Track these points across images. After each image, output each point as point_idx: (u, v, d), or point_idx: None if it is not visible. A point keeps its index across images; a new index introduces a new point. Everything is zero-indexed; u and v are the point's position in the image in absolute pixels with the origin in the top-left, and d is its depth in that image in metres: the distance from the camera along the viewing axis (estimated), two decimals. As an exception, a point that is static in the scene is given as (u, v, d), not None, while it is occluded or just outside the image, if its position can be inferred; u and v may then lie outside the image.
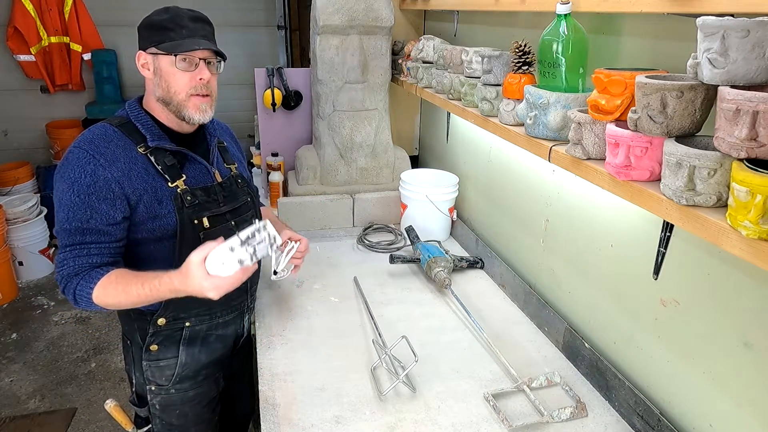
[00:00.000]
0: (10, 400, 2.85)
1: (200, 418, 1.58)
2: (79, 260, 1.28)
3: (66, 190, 1.27)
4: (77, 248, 1.28)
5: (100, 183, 1.27)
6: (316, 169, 2.49)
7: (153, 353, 1.47)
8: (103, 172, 1.27)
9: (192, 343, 1.49)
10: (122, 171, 1.30)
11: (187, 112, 1.35)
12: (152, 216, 1.33)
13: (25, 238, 3.91)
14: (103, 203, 1.27)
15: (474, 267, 2.09)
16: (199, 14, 1.36)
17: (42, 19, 4.60)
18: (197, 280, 1.20)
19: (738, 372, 1.07)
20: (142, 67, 1.36)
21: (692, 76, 0.88)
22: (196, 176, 1.42)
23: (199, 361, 1.52)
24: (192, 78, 1.33)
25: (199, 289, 1.21)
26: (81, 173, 1.26)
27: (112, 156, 1.30)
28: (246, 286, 1.56)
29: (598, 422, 1.33)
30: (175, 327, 1.46)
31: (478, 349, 1.60)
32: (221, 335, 1.56)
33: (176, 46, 1.30)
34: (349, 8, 2.24)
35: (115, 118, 1.39)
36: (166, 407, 1.53)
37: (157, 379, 1.50)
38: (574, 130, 1.12)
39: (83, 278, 1.27)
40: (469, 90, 1.67)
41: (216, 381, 1.60)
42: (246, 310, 1.63)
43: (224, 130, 1.66)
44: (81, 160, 1.27)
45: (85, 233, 1.28)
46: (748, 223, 0.74)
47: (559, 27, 1.21)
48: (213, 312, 1.50)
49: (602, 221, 1.45)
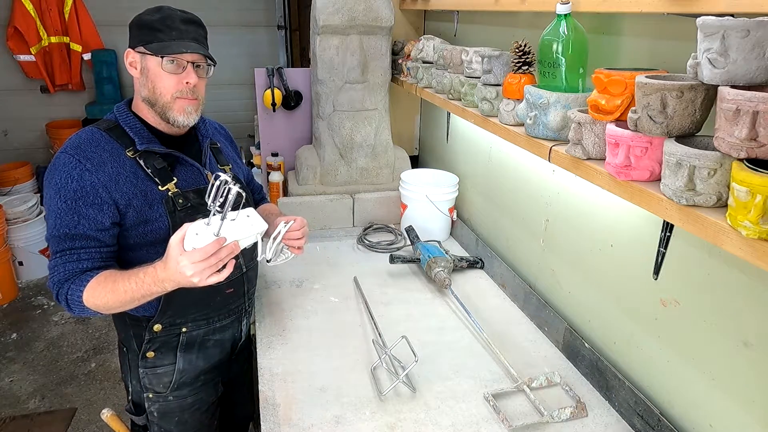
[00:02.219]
0: (10, 400, 2.84)
1: (200, 424, 1.56)
2: (69, 265, 1.26)
3: (53, 196, 1.25)
4: (67, 254, 1.26)
5: (87, 188, 1.25)
6: (316, 169, 2.49)
7: (150, 360, 1.44)
8: (90, 177, 1.25)
9: (189, 348, 1.47)
10: (110, 176, 1.27)
11: (171, 114, 1.32)
12: (143, 220, 1.31)
13: (25, 238, 3.91)
14: (91, 209, 1.25)
15: (474, 267, 2.09)
16: (191, 16, 1.33)
17: (42, 19, 4.60)
18: (174, 260, 1.13)
19: (738, 372, 1.07)
20: (129, 65, 1.33)
21: (692, 76, 0.88)
22: (188, 178, 1.39)
23: (197, 367, 1.50)
24: (179, 81, 1.30)
25: (177, 269, 1.13)
26: (67, 179, 1.24)
27: (99, 161, 1.27)
28: (243, 289, 1.54)
29: (598, 422, 1.33)
30: (172, 333, 1.43)
31: (478, 349, 1.60)
32: (219, 340, 1.53)
33: (164, 48, 1.27)
34: (349, 8, 2.24)
35: (104, 121, 1.36)
36: (165, 415, 1.51)
37: (155, 387, 1.47)
38: (574, 130, 1.12)
39: (73, 282, 1.24)
40: (469, 90, 1.67)
41: (215, 386, 1.58)
42: (244, 314, 1.60)
43: (217, 130, 1.63)
44: (67, 166, 1.25)
45: (74, 239, 1.26)
46: (748, 223, 0.74)
47: (559, 27, 1.21)
48: (210, 317, 1.48)
49: (602, 221, 1.45)
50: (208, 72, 1.37)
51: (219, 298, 1.47)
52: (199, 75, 1.33)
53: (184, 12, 1.32)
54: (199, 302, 1.44)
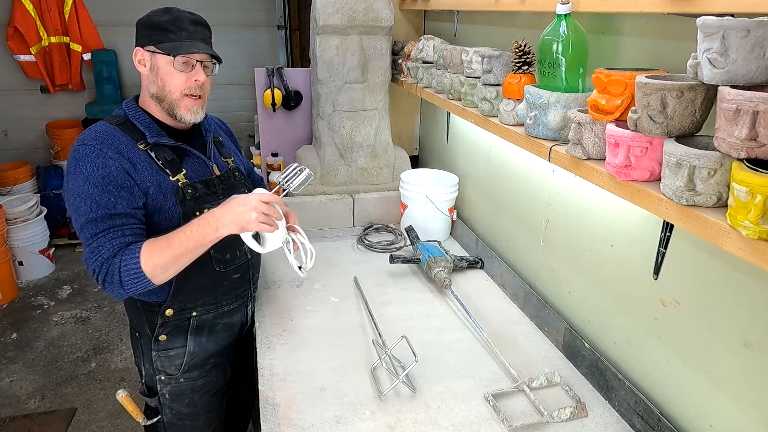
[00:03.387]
0: (10, 400, 2.85)
1: (209, 407, 1.62)
2: (115, 241, 1.29)
3: (83, 183, 1.29)
4: (110, 232, 1.29)
5: (114, 173, 1.30)
6: (316, 169, 2.49)
7: (162, 343, 1.51)
8: (114, 163, 1.31)
9: (199, 332, 1.54)
10: (131, 163, 1.33)
11: (179, 112, 1.40)
12: (158, 209, 1.37)
13: (25, 238, 3.91)
14: (123, 190, 1.31)
15: (474, 267, 2.09)
16: (199, 18, 1.40)
17: (42, 19, 4.59)
18: (241, 198, 1.31)
19: (738, 372, 1.07)
20: (138, 63, 1.40)
21: (692, 76, 0.88)
22: (195, 170, 1.46)
23: (207, 350, 1.57)
24: (188, 79, 1.37)
25: (243, 202, 1.30)
26: (93, 166, 1.29)
27: (118, 150, 1.33)
28: (249, 275, 1.62)
29: (598, 422, 1.33)
30: (183, 317, 1.50)
31: (478, 349, 1.60)
32: (227, 323, 1.61)
33: (176, 48, 1.34)
34: (349, 8, 2.24)
35: (114, 117, 1.42)
36: (177, 396, 1.57)
37: (167, 369, 1.54)
38: (574, 130, 1.12)
39: (125, 254, 1.28)
40: (469, 90, 1.67)
41: (224, 370, 1.64)
42: (249, 299, 1.68)
43: (218, 125, 1.70)
44: (90, 155, 1.30)
45: (114, 218, 1.30)
46: (748, 223, 0.74)
47: (559, 27, 1.21)
48: (219, 301, 1.55)
49: (602, 221, 1.45)
50: (213, 70, 1.44)
51: (227, 283, 1.55)
52: (206, 73, 1.40)
53: (192, 14, 1.40)
54: (209, 287, 1.51)
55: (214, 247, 1.41)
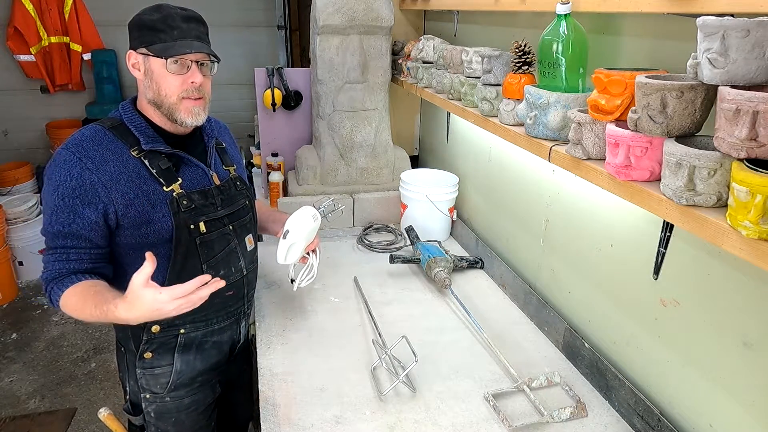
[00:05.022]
0: (10, 400, 2.85)
1: (197, 425, 1.55)
2: (58, 264, 1.27)
3: (51, 192, 1.25)
4: (58, 252, 1.28)
5: (86, 186, 1.24)
6: (316, 169, 2.49)
7: (147, 361, 1.43)
8: (90, 176, 1.24)
9: (187, 350, 1.46)
10: (111, 175, 1.26)
11: (179, 116, 1.31)
12: (145, 221, 1.30)
13: (25, 238, 3.90)
14: (87, 208, 1.25)
15: (474, 267, 2.09)
16: (192, 13, 1.31)
17: (42, 19, 4.60)
18: (148, 300, 1.13)
19: (738, 372, 1.07)
20: (132, 67, 1.32)
21: (692, 76, 0.88)
22: (192, 179, 1.37)
23: (195, 368, 1.49)
24: (184, 81, 1.28)
25: (153, 307, 1.13)
26: (67, 176, 1.24)
27: (101, 159, 1.26)
28: (243, 292, 1.53)
29: (598, 422, 1.33)
30: (170, 334, 1.42)
31: (478, 349, 1.60)
32: (217, 341, 1.52)
33: (167, 49, 1.24)
34: (349, 8, 2.24)
35: (108, 119, 1.35)
36: (162, 415, 1.50)
37: (152, 387, 1.46)
38: (574, 130, 1.12)
39: (57, 284, 1.26)
40: (469, 90, 1.67)
41: (212, 387, 1.56)
42: (243, 316, 1.59)
43: (223, 129, 1.61)
44: (68, 163, 1.25)
45: (66, 237, 1.26)
46: (748, 223, 0.74)
47: (559, 27, 1.21)
48: (209, 318, 1.46)
49: (602, 221, 1.45)
50: (212, 69, 1.34)
51: (218, 300, 1.43)
52: (203, 73, 1.31)
53: (184, 9, 1.29)
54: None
55: (208, 263, 1.37)
